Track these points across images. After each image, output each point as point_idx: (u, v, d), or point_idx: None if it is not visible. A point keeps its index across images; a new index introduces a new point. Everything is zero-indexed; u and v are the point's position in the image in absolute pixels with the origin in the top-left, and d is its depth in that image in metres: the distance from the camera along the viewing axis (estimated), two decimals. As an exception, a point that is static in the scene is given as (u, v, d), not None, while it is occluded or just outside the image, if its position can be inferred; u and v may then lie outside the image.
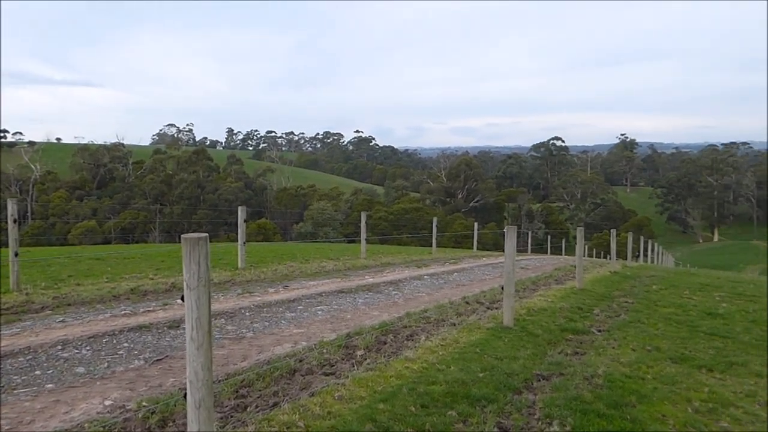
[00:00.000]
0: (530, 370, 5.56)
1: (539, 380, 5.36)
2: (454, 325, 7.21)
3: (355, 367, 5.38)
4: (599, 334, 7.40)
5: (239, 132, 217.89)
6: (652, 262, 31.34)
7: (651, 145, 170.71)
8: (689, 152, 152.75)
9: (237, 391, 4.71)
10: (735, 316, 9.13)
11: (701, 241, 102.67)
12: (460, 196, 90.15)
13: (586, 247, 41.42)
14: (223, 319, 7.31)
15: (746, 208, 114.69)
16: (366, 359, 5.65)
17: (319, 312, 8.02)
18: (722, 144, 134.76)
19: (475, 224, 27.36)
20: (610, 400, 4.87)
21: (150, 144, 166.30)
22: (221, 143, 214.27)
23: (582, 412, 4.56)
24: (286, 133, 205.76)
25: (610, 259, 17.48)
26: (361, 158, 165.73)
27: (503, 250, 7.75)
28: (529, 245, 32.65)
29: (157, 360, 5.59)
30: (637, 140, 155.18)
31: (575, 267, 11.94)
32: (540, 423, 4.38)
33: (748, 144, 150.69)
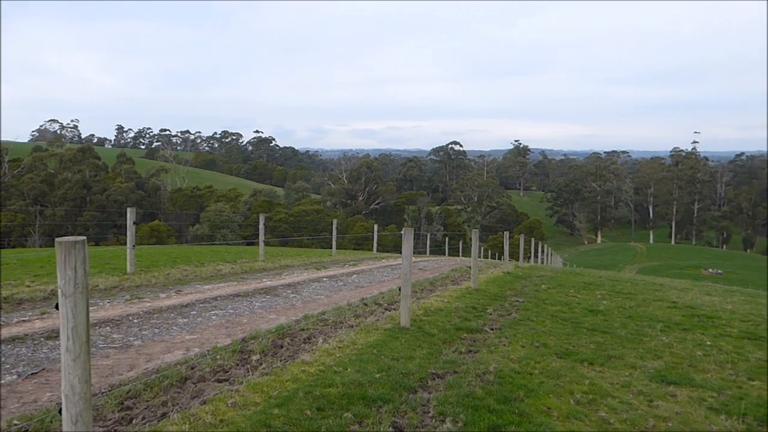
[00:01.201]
0: (426, 369, 5.67)
1: (434, 379, 5.48)
2: (352, 327, 7.22)
3: (250, 373, 5.24)
4: (492, 332, 7.68)
5: (130, 130, 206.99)
6: (542, 262, 33.05)
7: (542, 152, 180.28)
8: (576, 159, 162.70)
9: (122, 403, 4.45)
10: (614, 312, 9.79)
11: (586, 242, 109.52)
12: (361, 199, 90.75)
13: (482, 248, 42.97)
14: (108, 328, 6.88)
15: (626, 212, 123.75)
16: (262, 364, 5.52)
17: (214, 317, 7.76)
18: (605, 152, 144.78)
19: (375, 226, 27.63)
20: (500, 395, 5.05)
21: (29, 141, 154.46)
22: (110, 141, 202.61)
23: (474, 408, 4.70)
24: (181, 132, 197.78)
25: (503, 260, 18.23)
26: (261, 159, 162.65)
27: (401, 252, 7.86)
28: (428, 247, 33.39)
29: (33, 374, 5.17)
30: (530, 147, 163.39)
31: (471, 268, 12.34)
32: (434, 421, 4.47)
33: (627, 153, 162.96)
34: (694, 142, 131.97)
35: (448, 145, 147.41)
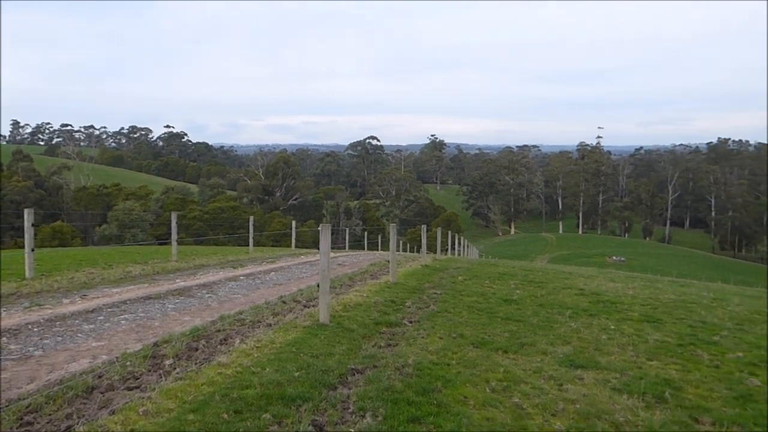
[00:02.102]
0: (345, 365, 5.67)
1: (354, 374, 5.48)
2: (271, 325, 7.11)
3: (163, 378, 5.05)
4: (410, 325, 7.79)
5: (27, 125, 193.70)
6: (459, 254, 33.86)
7: (458, 146, 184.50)
8: (490, 153, 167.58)
9: (21, 419, 4.16)
10: (526, 301, 10.18)
11: (501, 234, 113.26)
12: (278, 194, 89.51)
13: (400, 242, 43.49)
14: (5, 338, 6.42)
15: (537, 204, 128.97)
16: (175, 368, 5.33)
17: (123, 321, 7.42)
18: (517, 146, 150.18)
19: (293, 222, 27.34)
20: (419, 387, 5.13)
21: None
22: (5, 137, 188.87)
23: (393, 401, 4.74)
24: (84, 127, 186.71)
25: (421, 253, 18.52)
26: (173, 155, 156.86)
27: (319, 248, 7.81)
28: (347, 242, 33.41)
29: None
30: (446, 141, 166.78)
31: (389, 262, 12.45)
32: (354, 416, 4.48)
33: (538, 147, 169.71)
34: (598, 137, 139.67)
35: (365, 139, 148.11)
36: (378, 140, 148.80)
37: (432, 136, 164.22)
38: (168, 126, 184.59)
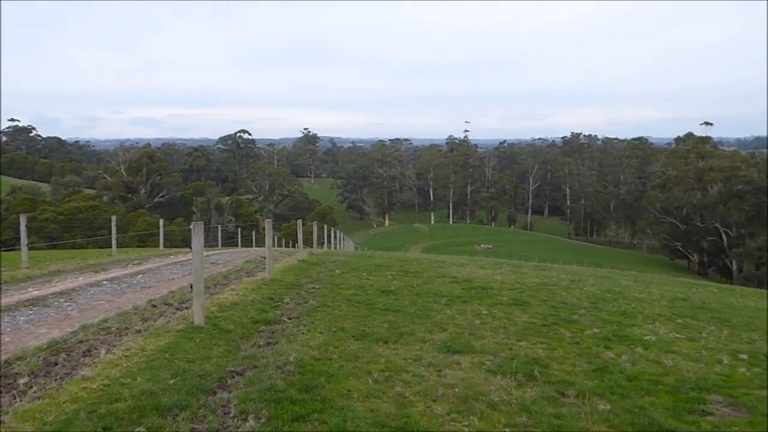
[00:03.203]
0: (224, 368, 5.46)
1: (233, 377, 5.30)
2: (140, 332, 6.68)
3: (18, 399, 4.56)
4: (290, 321, 7.67)
5: None
6: (336, 248, 33.99)
7: (331, 140, 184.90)
8: (363, 147, 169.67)
9: None
10: (403, 291, 10.41)
11: (375, 226, 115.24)
12: (143, 192, 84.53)
13: (276, 237, 42.84)
14: None
15: (410, 196, 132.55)
16: (32, 387, 4.84)
17: (-34, 338, 6.61)
18: (390, 140, 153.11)
19: (161, 221, 25.97)
20: (302, 385, 5.06)
21: None
22: None
23: (276, 401, 4.64)
24: None
25: (298, 247, 18.34)
26: (20, 151, 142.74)
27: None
28: (220, 239, 32.31)
29: None
30: (319, 135, 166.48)
31: (265, 258, 12.19)
32: (236, 420, 4.33)
33: (409, 140, 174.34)
34: (466, 131, 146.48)
35: (236, 133, 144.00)
36: (250, 134, 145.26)
37: (305, 129, 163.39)
38: (12, 119, 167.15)
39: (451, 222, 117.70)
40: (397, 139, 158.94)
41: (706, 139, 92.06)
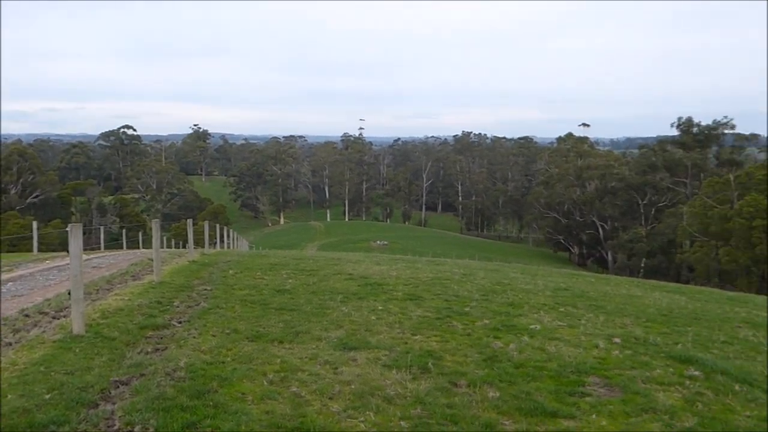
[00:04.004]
0: (107, 378, 5.14)
1: (118, 387, 5.01)
2: (11, 344, 6.14)
3: None
4: (180, 325, 7.37)
5: None
6: (229, 247, 33.06)
7: (223, 136, 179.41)
8: (257, 143, 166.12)
9: None
10: (299, 290, 10.30)
11: (270, 224, 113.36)
12: (13, 192, 77.83)
13: (165, 238, 41.01)
14: None
15: (305, 194, 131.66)
16: None
17: None
18: (284, 137, 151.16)
19: (34, 223, 24.06)
20: (193, 391, 4.88)
21: None
22: None
23: (165, 410, 4.44)
24: None
25: (188, 248, 17.66)
26: None
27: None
28: (102, 241, 30.41)
29: None
30: (210, 131, 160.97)
31: (153, 260, 11.62)
32: (120, 433, 4.09)
33: (304, 137, 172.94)
34: (360, 128, 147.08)
35: (120, 129, 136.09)
36: (134, 129, 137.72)
37: (195, 125, 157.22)
38: None
39: (346, 219, 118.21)
40: (292, 136, 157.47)
41: (583, 140, 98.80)
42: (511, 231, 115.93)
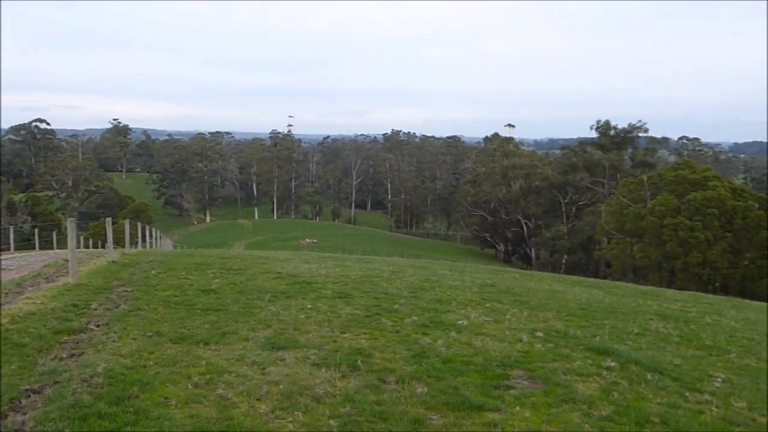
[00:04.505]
0: (17, 387, 4.85)
1: (29, 396, 4.73)
2: None
3: None
4: (98, 329, 7.04)
5: None
6: (152, 247, 31.89)
7: (145, 131, 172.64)
8: (181, 140, 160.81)
9: None
10: (226, 289, 10.07)
11: (196, 223, 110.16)
12: None
13: (82, 238, 39.12)
14: None
15: (232, 191, 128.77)
16: None
17: None
18: (210, 133, 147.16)
19: (-63, 222, 22.36)
20: (112, 397, 4.68)
21: None
22: None
23: (81, 418, 4.23)
24: None
25: (107, 248, 16.89)
26: None
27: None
28: (12, 242, 28.65)
29: None
30: (131, 126, 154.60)
31: (69, 261, 11.04)
32: (31, 444, 3.86)
33: (231, 134, 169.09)
34: (289, 125, 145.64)
35: (31, 122, 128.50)
36: (48, 123, 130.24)
37: (114, 120, 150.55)
38: None
39: (275, 217, 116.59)
40: (218, 132, 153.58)
41: (509, 140, 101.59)
42: (440, 229, 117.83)
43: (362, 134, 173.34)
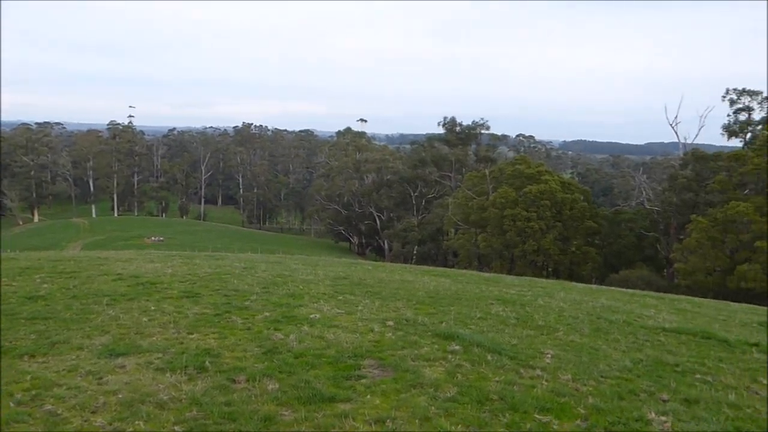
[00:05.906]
0: None
1: None
2: None
3: None
4: None
5: None
6: (-33, 250, 28.26)
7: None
8: (3, 130, 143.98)
9: None
10: (56, 295, 9.18)
11: (21, 223, 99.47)
12: None
13: None
14: None
15: (65, 188, 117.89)
16: None
17: None
18: (36, 123, 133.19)
19: None
20: None
21: None
22: None
23: None
24: None
25: None
26: None
27: None
28: None
29: None
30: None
31: None
32: None
33: (62, 124, 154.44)
34: (130, 116, 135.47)
35: None
36: None
37: None
38: None
39: (116, 215, 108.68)
40: (47, 122, 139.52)
41: (362, 134, 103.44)
42: (294, 223, 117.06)
43: (211, 127, 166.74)
